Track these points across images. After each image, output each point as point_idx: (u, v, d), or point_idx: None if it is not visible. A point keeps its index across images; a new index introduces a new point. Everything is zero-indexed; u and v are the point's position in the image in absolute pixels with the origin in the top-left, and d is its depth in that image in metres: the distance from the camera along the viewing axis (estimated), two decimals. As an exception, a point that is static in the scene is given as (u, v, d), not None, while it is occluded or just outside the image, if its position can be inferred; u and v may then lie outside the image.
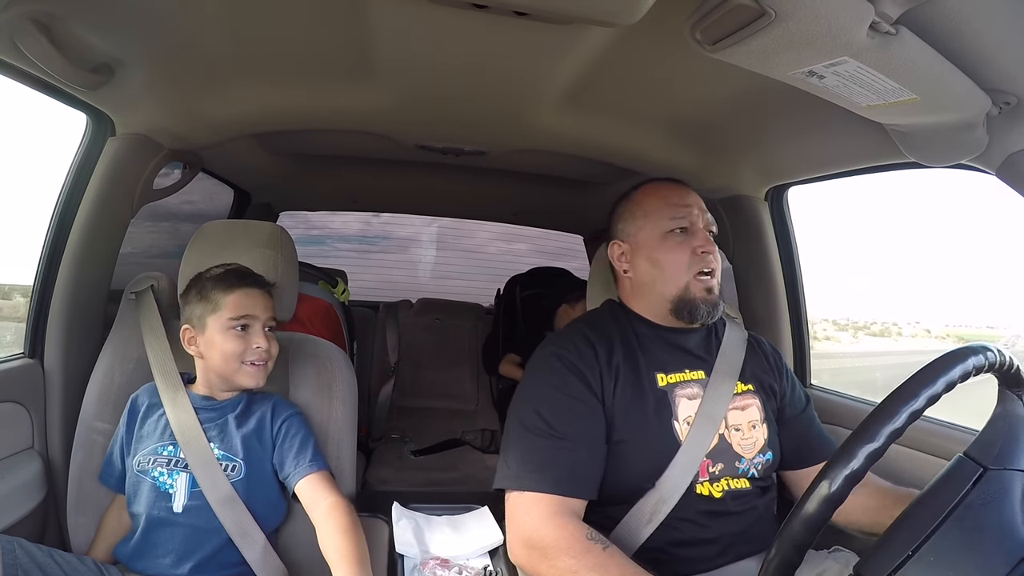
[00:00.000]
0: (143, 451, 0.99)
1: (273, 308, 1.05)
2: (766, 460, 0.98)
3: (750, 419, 0.99)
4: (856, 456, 0.53)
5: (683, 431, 0.94)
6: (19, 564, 0.82)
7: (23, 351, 1.19)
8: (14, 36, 0.84)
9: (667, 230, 1.00)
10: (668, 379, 0.98)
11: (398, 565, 1.10)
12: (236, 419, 1.01)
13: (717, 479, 0.93)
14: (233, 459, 0.98)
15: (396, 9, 0.87)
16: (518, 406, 0.97)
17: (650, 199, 1.04)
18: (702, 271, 0.98)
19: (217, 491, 0.94)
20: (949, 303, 4.61)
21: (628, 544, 0.89)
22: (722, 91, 1.08)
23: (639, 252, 1.03)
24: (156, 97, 1.17)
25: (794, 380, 1.11)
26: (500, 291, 2.70)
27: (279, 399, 1.06)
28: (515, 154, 1.58)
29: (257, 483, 0.99)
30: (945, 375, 0.56)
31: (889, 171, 1.21)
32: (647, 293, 1.03)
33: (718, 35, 0.66)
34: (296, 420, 1.03)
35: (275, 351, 1.03)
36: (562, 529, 0.83)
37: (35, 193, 1.33)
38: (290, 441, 1.01)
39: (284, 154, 1.77)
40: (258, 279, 1.05)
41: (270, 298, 1.05)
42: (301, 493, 0.97)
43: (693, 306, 0.98)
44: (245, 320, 1.00)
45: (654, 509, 0.90)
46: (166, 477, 0.96)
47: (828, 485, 0.53)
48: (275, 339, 1.04)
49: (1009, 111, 0.78)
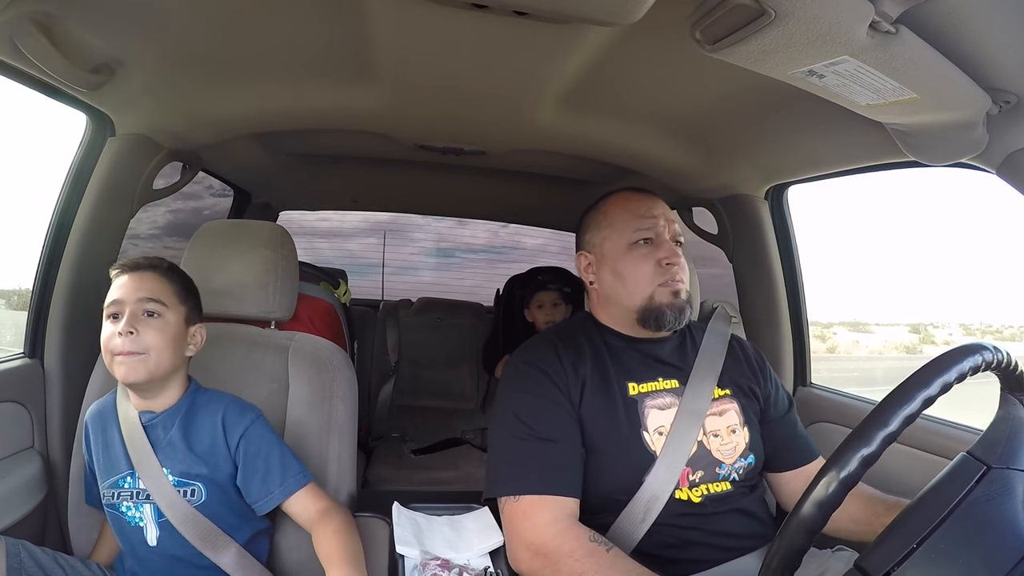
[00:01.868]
0: (106, 483, 0.92)
1: (155, 291, 0.90)
2: (748, 464, 0.97)
3: (728, 424, 0.98)
4: (867, 445, 0.52)
5: (653, 441, 0.93)
6: (23, 568, 0.82)
7: (23, 351, 1.19)
8: (14, 36, 0.84)
9: (631, 241, 0.99)
10: (640, 388, 0.97)
11: (398, 565, 1.09)
12: (182, 434, 0.91)
13: (696, 485, 0.93)
14: (190, 483, 0.90)
15: (396, 9, 0.87)
16: (499, 415, 0.97)
17: (615, 210, 1.02)
18: (666, 281, 0.97)
19: (182, 517, 0.88)
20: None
21: (625, 543, 0.89)
22: (722, 90, 1.08)
23: (604, 263, 1.02)
24: (156, 97, 1.17)
25: (778, 383, 1.10)
26: (500, 291, 2.70)
27: (231, 403, 0.95)
28: (515, 154, 1.58)
29: (221, 502, 0.91)
30: (941, 376, 0.55)
31: (889, 170, 1.21)
32: (613, 304, 1.02)
33: (718, 35, 0.66)
34: (255, 434, 0.93)
35: (154, 341, 0.87)
36: (565, 533, 0.84)
37: (35, 193, 1.33)
38: (252, 464, 0.91)
39: (284, 154, 1.77)
40: (138, 262, 0.92)
41: (153, 280, 0.91)
42: (287, 512, 0.94)
43: (659, 313, 0.97)
44: (113, 307, 0.89)
45: (647, 507, 0.90)
46: (133, 511, 0.90)
47: (825, 487, 0.53)
48: (161, 328, 0.89)
49: (1009, 110, 0.78)
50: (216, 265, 1.12)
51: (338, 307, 1.78)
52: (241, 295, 1.13)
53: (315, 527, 0.90)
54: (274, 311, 1.15)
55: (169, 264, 0.96)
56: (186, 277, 0.97)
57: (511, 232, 3.25)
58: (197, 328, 0.96)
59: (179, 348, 0.92)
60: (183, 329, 0.93)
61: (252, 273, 1.14)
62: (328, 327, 1.64)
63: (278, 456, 0.93)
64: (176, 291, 0.93)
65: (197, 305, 0.98)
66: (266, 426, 0.95)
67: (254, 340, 1.12)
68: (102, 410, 0.97)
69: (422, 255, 3.35)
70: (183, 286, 0.95)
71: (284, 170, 1.93)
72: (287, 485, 0.92)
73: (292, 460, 0.94)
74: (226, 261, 1.13)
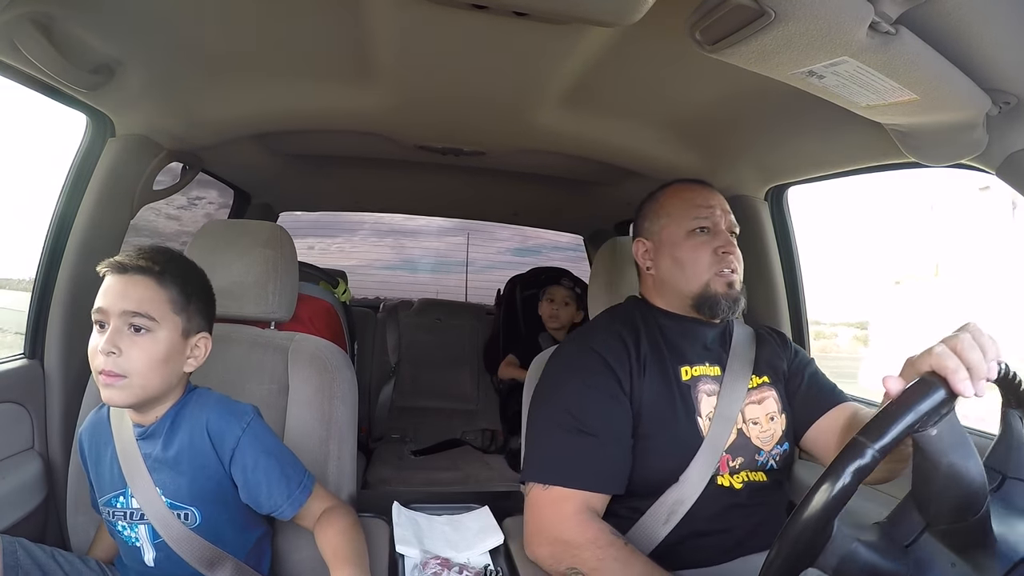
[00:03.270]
0: (101, 500, 0.87)
1: (144, 302, 0.77)
2: (783, 451, 1.00)
3: (767, 411, 1.00)
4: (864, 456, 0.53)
5: (705, 426, 0.95)
6: (20, 565, 0.82)
7: (23, 351, 1.19)
8: (14, 37, 0.84)
9: (689, 229, 1.02)
10: (692, 372, 1.00)
11: (399, 565, 1.10)
12: (170, 451, 0.83)
13: (737, 472, 0.95)
14: (184, 507, 0.83)
15: (396, 9, 0.87)
16: (545, 400, 0.99)
17: (673, 200, 1.06)
18: (722, 269, 1.00)
19: (176, 537, 0.83)
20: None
21: (644, 544, 0.91)
22: (722, 91, 1.08)
23: (662, 250, 1.05)
24: (156, 97, 1.17)
25: (795, 347, 1.14)
26: (500, 291, 2.70)
27: (216, 408, 0.85)
28: (515, 154, 1.58)
29: (218, 520, 0.86)
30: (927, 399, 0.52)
31: (889, 171, 1.21)
32: (669, 290, 1.05)
33: (718, 35, 0.66)
34: (249, 445, 0.84)
35: (137, 364, 0.76)
36: (586, 525, 0.87)
37: (35, 193, 1.33)
38: (253, 478, 0.84)
39: (284, 154, 1.77)
40: (126, 263, 0.79)
41: (142, 288, 0.78)
42: (296, 519, 0.90)
43: (714, 301, 1.00)
44: (97, 315, 0.78)
45: (671, 510, 0.91)
46: (129, 531, 0.85)
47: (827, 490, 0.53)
48: (148, 348, 0.78)
49: (1009, 111, 0.78)
50: (216, 265, 1.12)
51: (338, 307, 1.78)
52: (241, 295, 1.13)
53: (319, 527, 0.89)
54: (274, 311, 1.15)
55: (166, 262, 0.82)
56: (189, 279, 0.85)
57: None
58: (199, 338, 0.85)
59: (172, 367, 0.81)
60: (179, 343, 0.82)
61: (252, 273, 1.14)
62: (328, 327, 1.64)
63: (278, 466, 0.86)
64: (172, 299, 0.81)
65: (203, 309, 0.86)
66: (261, 430, 0.87)
67: (254, 340, 1.12)
68: (96, 424, 0.90)
69: (507, 253, 3.49)
70: (181, 291, 0.82)
71: (284, 171, 1.93)
72: (295, 498, 0.87)
73: (292, 467, 0.88)
74: (226, 261, 1.13)
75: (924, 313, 4.93)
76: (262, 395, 1.07)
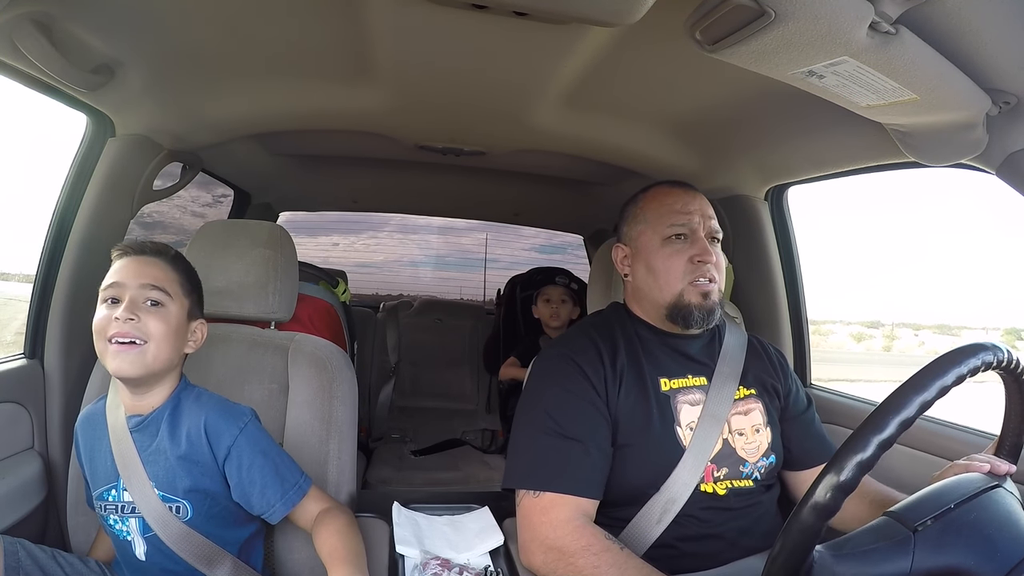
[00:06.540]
0: (96, 493, 0.89)
1: (160, 279, 0.85)
2: (769, 463, 0.98)
3: (753, 423, 0.99)
4: (864, 452, 0.53)
5: (686, 436, 0.94)
6: (21, 566, 0.82)
7: (23, 351, 1.19)
8: (14, 37, 0.84)
9: (665, 236, 0.98)
10: (671, 384, 0.98)
11: (399, 565, 1.09)
12: (166, 438, 0.86)
13: (721, 481, 0.94)
14: (176, 500, 0.85)
15: (396, 9, 0.87)
16: (528, 407, 0.98)
17: (651, 203, 1.03)
18: (697, 279, 0.97)
19: (171, 533, 0.85)
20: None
21: (639, 544, 0.90)
22: (722, 91, 1.08)
23: (639, 257, 1.02)
24: (156, 97, 1.17)
25: (797, 381, 1.11)
26: (500, 291, 2.70)
27: (214, 408, 0.88)
28: (515, 154, 1.58)
29: (209, 516, 0.87)
30: (938, 380, 0.55)
31: (889, 171, 1.21)
32: (644, 298, 1.03)
33: (718, 35, 0.66)
34: (245, 445, 0.87)
35: (156, 330, 0.82)
36: (581, 531, 0.85)
37: (35, 194, 1.33)
38: (248, 477, 0.86)
39: (284, 154, 1.78)
40: (143, 245, 0.87)
41: (158, 267, 0.86)
42: (289, 518, 0.91)
43: (687, 312, 0.97)
44: (112, 290, 0.83)
45: (664, 508, 0.91)
46: (120, 524, 0.87)
47: (823, 492, 0.53)
48: (164, 319, 0.84)
49: (1009, 111, 0.78)
50: (216, 265, 1.12)
51: (338, 307, 1.78)
52: (241, 295, 1.13)
53: (316, 527, 0.89)
54: (274, 311, 1.15)
55: (176, 252, 0.91)
56: (191, 268, 0.93)
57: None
58: (198, 324, 0.91)
59: (179, 342, 0.87)
60: (184, 323, 0.88)
61: (252, 273, 1.14)
62: (328, 327, 1.64)
63: (273, 466, 0.88)
64: (181, 281, 0.88)
65: (200, 300, 0.93)
66: (257, 432, 0.89)
67: (254, 340, 1.12)
68: (91, 416, 0.92)
69: (533, 251, 3.45)
70: (188, 277, 0.90)
71: (284, 171, 1.93)
72: (288, 497, 0.88)
73: (288, 468, 0.90)
74: (226, 261, 1.13)
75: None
76: (262, 395, 1.07)
